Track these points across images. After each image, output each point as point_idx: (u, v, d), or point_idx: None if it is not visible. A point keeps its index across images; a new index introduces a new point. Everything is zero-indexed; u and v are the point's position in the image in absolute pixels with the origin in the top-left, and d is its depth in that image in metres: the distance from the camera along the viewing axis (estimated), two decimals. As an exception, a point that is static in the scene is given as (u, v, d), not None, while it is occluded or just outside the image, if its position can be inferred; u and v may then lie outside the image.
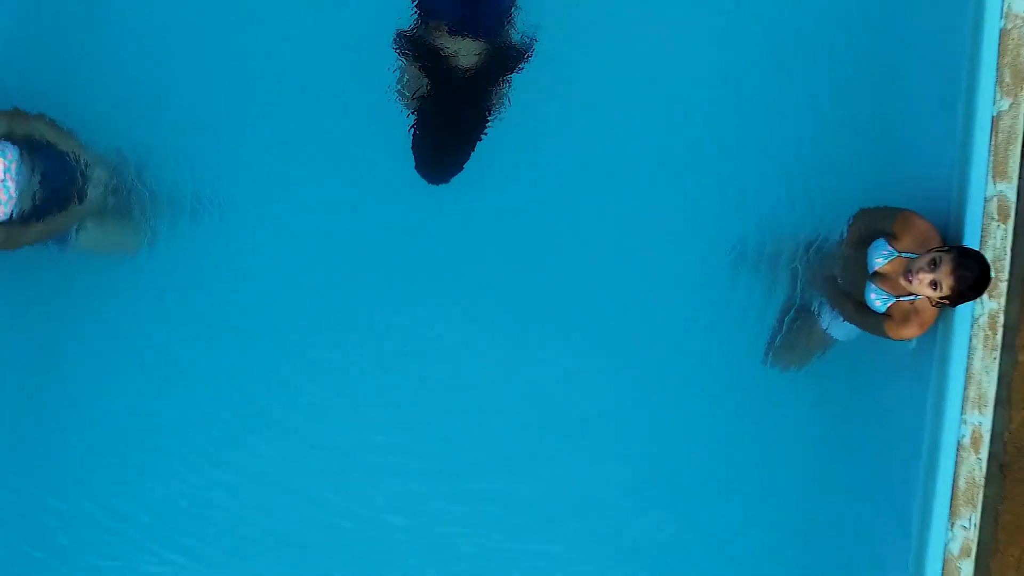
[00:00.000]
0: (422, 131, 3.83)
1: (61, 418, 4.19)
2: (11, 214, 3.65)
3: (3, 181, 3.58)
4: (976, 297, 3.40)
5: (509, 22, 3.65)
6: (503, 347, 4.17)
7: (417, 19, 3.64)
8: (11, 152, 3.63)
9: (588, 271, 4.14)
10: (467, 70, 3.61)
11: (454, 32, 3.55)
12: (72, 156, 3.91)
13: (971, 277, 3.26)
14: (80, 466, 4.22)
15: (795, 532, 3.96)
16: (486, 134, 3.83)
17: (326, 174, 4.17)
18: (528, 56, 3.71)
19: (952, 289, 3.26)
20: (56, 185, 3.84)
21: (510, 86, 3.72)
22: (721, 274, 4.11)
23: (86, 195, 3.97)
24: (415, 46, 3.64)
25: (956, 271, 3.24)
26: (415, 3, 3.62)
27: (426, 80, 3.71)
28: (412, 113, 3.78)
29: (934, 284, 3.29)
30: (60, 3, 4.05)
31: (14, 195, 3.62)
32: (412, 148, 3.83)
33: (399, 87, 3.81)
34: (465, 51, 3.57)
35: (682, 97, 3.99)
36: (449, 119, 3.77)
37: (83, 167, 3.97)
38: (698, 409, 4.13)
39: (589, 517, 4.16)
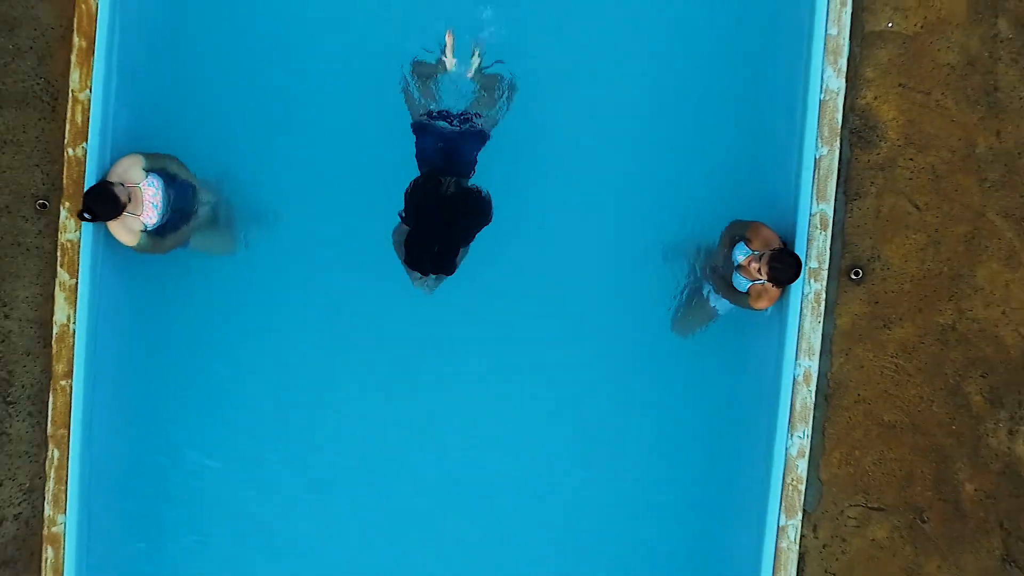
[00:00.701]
0: (415, 239, 5.08)
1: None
2: (156, 226, 5.36)
3: (153, 203, 5.29)
4: (791, 282, 5.08)
5: (474, 164, 5.18)
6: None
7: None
8: (157, 182, 5.28)
9: (556, 272, 5.82)
10: (445, 195, 5.12)
11: (438, 174, 5.10)
12: (189, 185, 5.58)
13: (781, 268, 4.95)
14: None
15: (687, 434, 5.66)
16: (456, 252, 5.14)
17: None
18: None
19: (767, 274, 4.95)
20: (181, 205, 5.42)
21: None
22: (647, 271, 5.83)
23: (198, 212, 5.68)
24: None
25: (770, 263, 4.94)
26: (415, 155, 5.20)
27: (420, 197, 5.13)
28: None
29: (758, 270, 5.01)
30: (176, 89, 5.66)
31: (160, 212, 5.32)
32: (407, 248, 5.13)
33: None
34: (445, 184, 5.07)
35: (614, 162, 5.68)
36: (432, 232, 5.09)
37: (196, 192, 5.64)
38: (624, 364, 5.82)
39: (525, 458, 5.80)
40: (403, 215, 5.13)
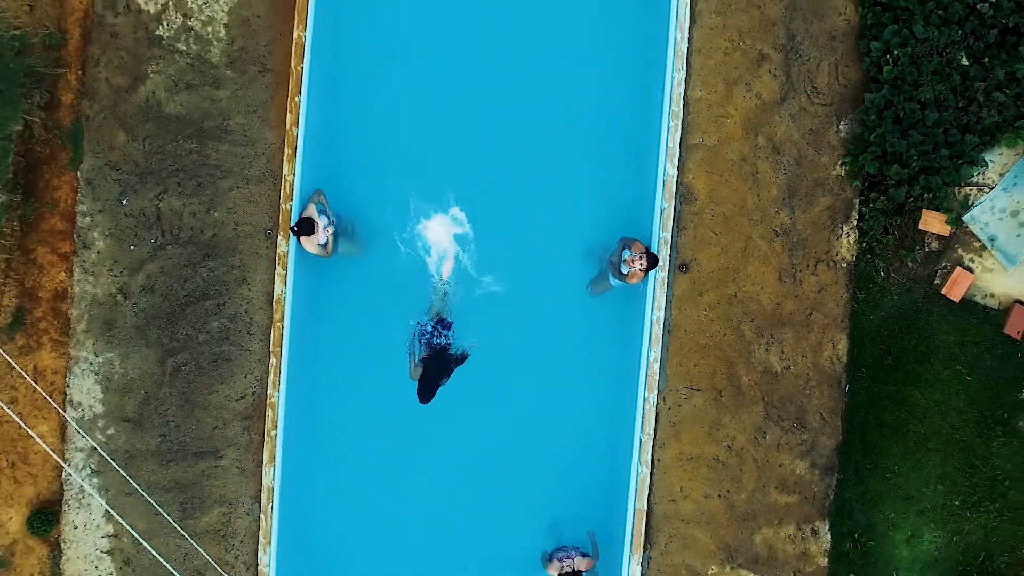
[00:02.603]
0: (419, 383, 10.19)
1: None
2: (324, 242, 10.47)
3: (323, 228, 10.37)
4: (652, 270, 10.24)
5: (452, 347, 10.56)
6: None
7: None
8: (324, 217, 10.42)
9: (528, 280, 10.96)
10: (438, 364, 10.39)
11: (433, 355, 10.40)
12: (334, 214, 10.71)
13: (647, 263, 10.10)
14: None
15: (595, 353, 10.82)
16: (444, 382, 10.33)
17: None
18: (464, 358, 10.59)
19: (639, 265, 10.09)
20: (336, 229, 10.64)
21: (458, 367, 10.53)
22: (577, 264, 10.98)
23: (341, 233, 10.79)
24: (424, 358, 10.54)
25: (641, 260, 10.07)
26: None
27: (422, 367, 10.32)
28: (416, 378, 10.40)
29: (633, 263, 10.12)
30: (334, 171, 10.81)
31: (329, 235, 10.43)
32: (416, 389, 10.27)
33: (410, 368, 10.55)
34: (437, 362, 10.36)
35: (567, 213, 10.86)
36: (428, 381, 10.24)
37: (336, 219, 10.74)
38: (563, 313, 10.93)
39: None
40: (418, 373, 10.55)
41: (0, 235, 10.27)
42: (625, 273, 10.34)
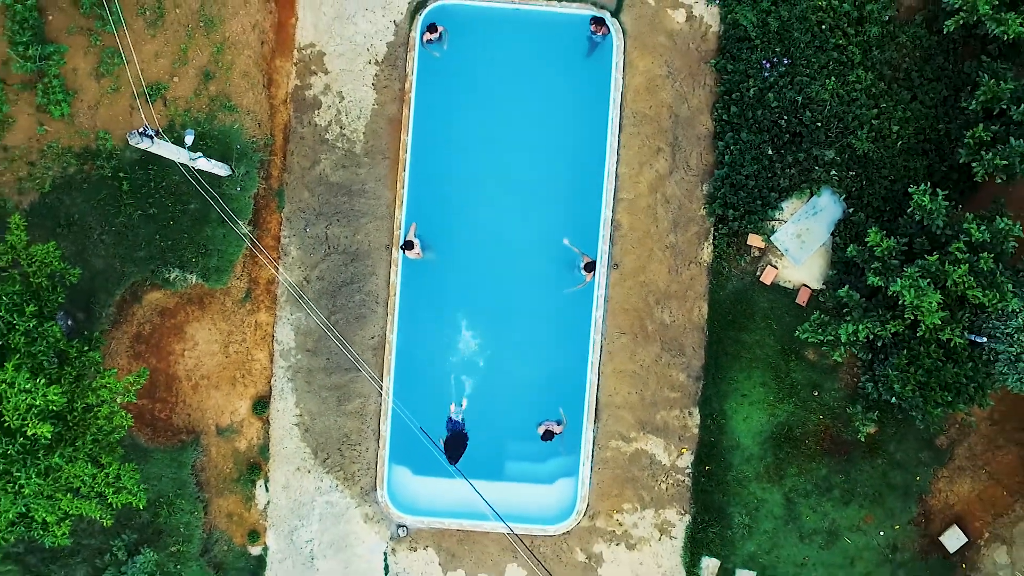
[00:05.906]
0: (447, 449, 19.44)
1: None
2: (418, 254, 19.09)
3: (420, 244, 18.99)
4: (593, 271, 18.92)
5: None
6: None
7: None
8: (418, 239, 19.09)
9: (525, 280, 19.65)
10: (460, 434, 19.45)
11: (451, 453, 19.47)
12: (419, 237, 19.39)
13: (590, 269, 18.77)
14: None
15: (567, 324, 19.50)
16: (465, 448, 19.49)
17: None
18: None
19: (586, 270, 18.76)
20: (423, 245, 19.30)
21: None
22: (559, 268, 19.64)
23: (425, 245, 19.44)
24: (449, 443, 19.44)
25: (586, 267, 18.76)
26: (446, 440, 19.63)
27: (447, 441, 19.59)
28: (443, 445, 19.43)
29: (586, 267, 18.79)
30: (425, 216, 19.50)
31: (421, 247, 19.05)
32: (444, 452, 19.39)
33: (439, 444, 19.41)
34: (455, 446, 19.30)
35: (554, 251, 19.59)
36: (454, 447, 19.52)
37: (423, 240, 19.41)
38: (552, 301, 19.62)
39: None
40: (445, 447, 19.49)
41: (243, 247, 18.96)
42: (585, 275, 19.01)
